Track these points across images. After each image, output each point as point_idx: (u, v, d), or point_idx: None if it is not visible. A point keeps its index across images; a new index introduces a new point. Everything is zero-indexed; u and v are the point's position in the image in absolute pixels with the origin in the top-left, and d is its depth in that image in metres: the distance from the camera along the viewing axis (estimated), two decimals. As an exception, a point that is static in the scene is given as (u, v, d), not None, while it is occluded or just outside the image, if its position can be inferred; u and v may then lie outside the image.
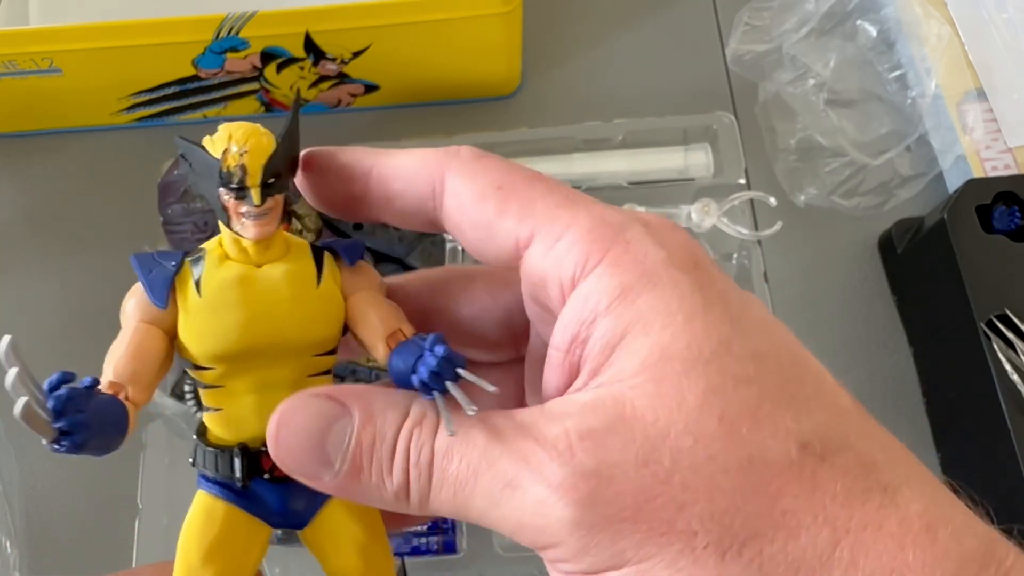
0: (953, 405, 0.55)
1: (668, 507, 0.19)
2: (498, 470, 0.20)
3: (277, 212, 0.23)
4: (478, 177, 0.23)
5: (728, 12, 0.68)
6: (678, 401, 0.19)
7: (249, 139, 0.23)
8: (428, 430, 0.21)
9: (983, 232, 0.52)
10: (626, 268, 0.20)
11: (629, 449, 0.19)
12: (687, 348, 0.20)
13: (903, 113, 0.63)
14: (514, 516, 0.20)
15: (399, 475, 0.21)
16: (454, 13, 0.59)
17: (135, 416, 0.23)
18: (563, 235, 0.21)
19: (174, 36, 0.59)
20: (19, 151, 0.67)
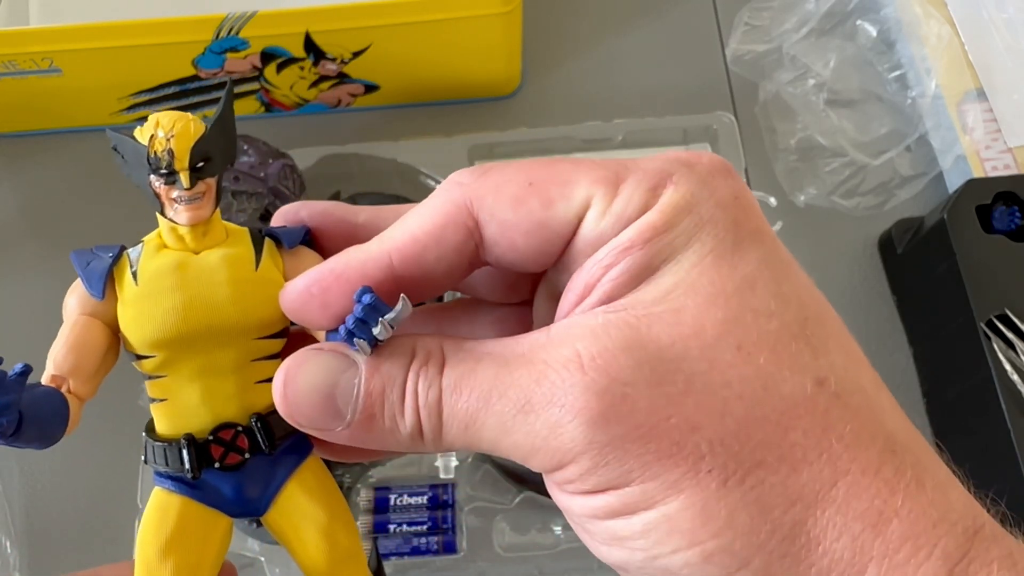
0: (953, 405, 0.55)
1: (679, 427, 0.19)
2: (509, 397, 0.20)
3: (210, 196, 0.23)
4: (503, 189, 0.22)
5: (728, 12, 0.68)
6: (695, 329, 0.19)
7: (176, 124, 0.23)
8: (435, 368, 0.21)
9: (983, 232, 0.52)
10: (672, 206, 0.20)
11: (643, 368, 0.19)
12: (711, 283, 0.20)
13: (903, 113, 0.63)
14: (527, 441, 0.20)
15: (411, 416, 0.21)
16: (454, 13, 0.59)
17: (79, 408, 0.23)
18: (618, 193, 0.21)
19: (174, 36, 0.59)
20: (19, 151, 0.67)
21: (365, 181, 0.61)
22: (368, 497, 0.52)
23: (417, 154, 0.60)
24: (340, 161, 0.60)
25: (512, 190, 0.21)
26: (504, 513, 0.53)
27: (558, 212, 0.21)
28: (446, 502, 0.52)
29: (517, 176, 0.22)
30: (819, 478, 0.19)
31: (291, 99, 0.66)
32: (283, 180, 0.54)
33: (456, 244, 0.22)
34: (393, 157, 0.60)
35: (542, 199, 0.21)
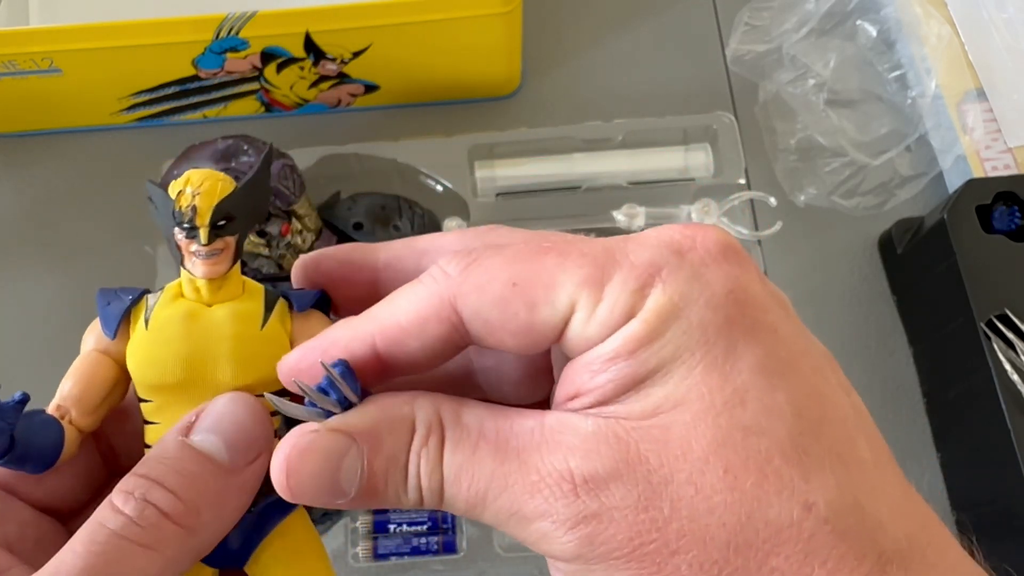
0: (953, 405, 0.55)
1: (661, 552, 0.19)
2: (504, 502, 0.21)
3: (228, 253, 0.24)
4: (486, 288, 0.21)
5: (728, 12, 0.68)
6: (684, 450, 0.20)
7: (204, 182, 0.24)
8: (435, 452, 0.21)
9: (983, 232, 0.52)
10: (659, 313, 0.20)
11: (631, 494, 0.20)
12: (700, 398, 0.20)
13: (903, 113, 0.63)
14: (520, 536, 0.21)
15: (414, 494, 0.22)
16: (454, 13, 0.59)
17: (77, 438, 0.24)
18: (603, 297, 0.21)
19: (174, 36, 0.59)
20: (19, 151, 0.67)
21: (365, 181, 0.61)
22: (368, 497, 0.52)
23: (417, 154, 0.60)
24: (340, 161, 0.60)
25: (496, 290, 0.21)
26: (504, 513, 0.53)
27: (543, 316, 0.21)
28: (446, 502, 0.52)
29: (501, 275, 0.21)
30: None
31: (291, 99, 0.66)
32: (283, 180, 0.54)
33: (439, 335, 0.22)
34: (393, 157, 0.60)
35: (526, 302, 0.21)
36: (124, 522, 0.21)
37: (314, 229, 0.57)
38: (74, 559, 0.21)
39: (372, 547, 0.52)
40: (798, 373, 0.21)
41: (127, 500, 0.21)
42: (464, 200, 0.59)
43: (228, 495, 0.23)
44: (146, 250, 0.60)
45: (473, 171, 0.60)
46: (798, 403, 0.20)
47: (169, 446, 0.23)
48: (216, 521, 0.23)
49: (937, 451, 0.56)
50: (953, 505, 0.55)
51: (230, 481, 0.23)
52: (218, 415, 0.23)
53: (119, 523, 0.21)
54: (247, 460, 0.23)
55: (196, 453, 0.22)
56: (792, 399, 0.20)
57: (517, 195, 0.60)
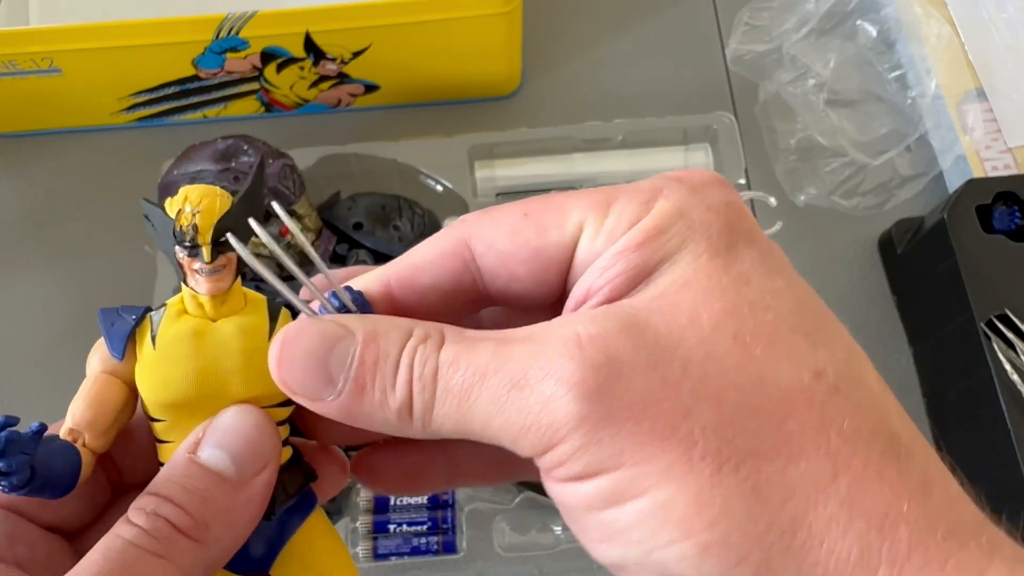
0: (953, 405, 0.55)
1: (674, 411, 0.19)
2: (506, 372, 0.20)
3: (230, 268, 0.24)
4: (500, 221, 0.23)
5: (728, 12, 0.68)
6: (692, 319, 0.20)
7: (203, 200, 0.24)
8: (433, 345, 0.21)
9: (983, 232, 0.52)
10: (667, 214, 0.21)
11: (640, 351, 0.19)
12: (708, 278, 0.20)
13: (903, 113, 0.63)
14: (519, 418, 0.20)
15: (402, 389, 0.21)
16: (454, 13, 0.59)
17: (91, 460, 0.24)
18: (608, 213, 0.21)
19: (174, 36, 0.59)
20: (19, 151, 0.67)
21: (365, 181, 0.61)
22: (368, 497, 0.52)
23: (417, 154, 0.60)
24: (340, 161, 0.60)
25: (509, 221, 0.22)
26: (504, 513, 0.53)
27: (552, 238, 0.22)
28: (446, 502, 0.52)
29: (513, 209, 0.22)
30: (818, 471, 0.19)
31: (291, 99, 0.66)
32: (283, 180, 0.54)
33: (452, 271, 0.23)
34: (393, 157, 0.60)
35: (537, 227, 0.22)
36: (137, 533, 0.21)
37: (314, 229, 0.57)
38: (91, 566, 0.21)
39: (372, 547, 0.52)
40: (792, 272, 0.22)
41: (139, 514, 0.22)
42: (464, 200, 0.59)
43: (237, 507, 0.23)
44: (146, 250, 0.60)
45: (473, 171, 0.60)
46: (797, 293, 0.21)
47: (179, 464, 0.23)
48: (227, 533, 0.23)
49: (937, 451, 0.56)
50: (953, 505, 0.55)
51: (239, 494, 0.23)
52: (224, 430, 0.23)
53: (133, 534, 0.21)
54: (254, 472, 0.23)
55: (204, 470, 0.23)
56: (791, 289, 0.21)
57: (517, 195, 0.60)
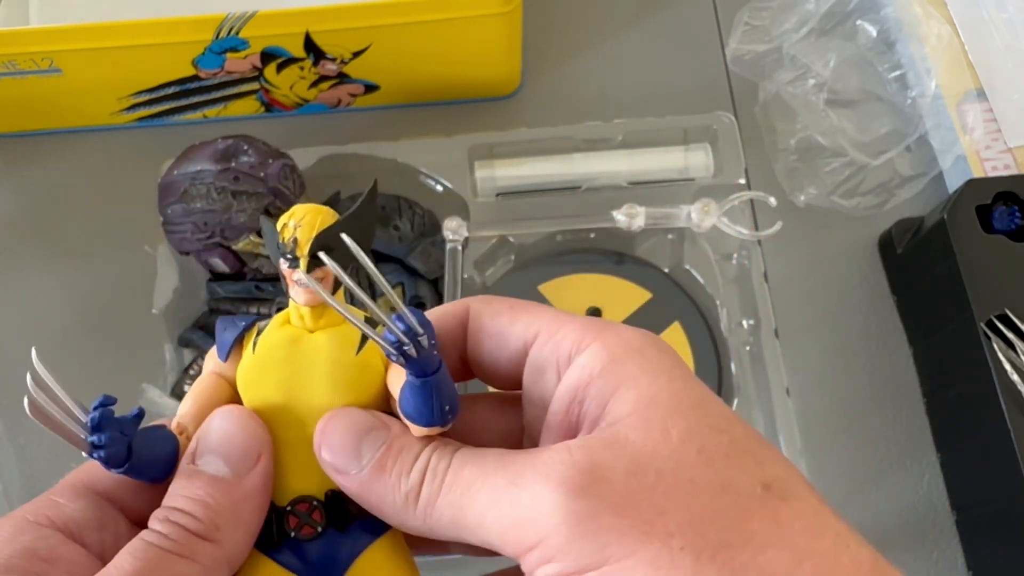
0: (953, 405, 0.55)
1: (651, 510, 0.21)
2: (506, 472, 0.23)
3: (328, 282, 0.26)
4: (494, 302, 0.27)
5: (728, 12, 0.68)
6: (663, 434, 0.23)
7: (306, 215, 0.26)
8: (450, 448, 0.24)
9: (983, 232, 0.52)
10: (615, 345, 0.24)
11: (621, 459, 0.22)
12: (671, 397, 0.23)
13: (903, 113, 0.63)
14: (510, 512, 0.22)
15: (416, 476, 0.24)
16: (454, 13, 0.59)
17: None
18: (559, 330, 0.25)
19: (174, 36, 0.59)
20: (19, 151, 0.67)
21: (365, 181, 0.60)
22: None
23: (417, 154, 0.60)
24: (340, 161, 0.60)
25: (497, 306, 0.27)
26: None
27: (516, 330, 0.26)
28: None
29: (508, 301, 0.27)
30: (784, 558, 0.21)
31: (291, 99, 0.66)
32: (283, 180, 0.54)
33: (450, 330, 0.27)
34: (393, 157, 0.60)
35: (510, 317, 0.26)
36: (160, 537, 0.23)
37: (314, 229, 0.56)
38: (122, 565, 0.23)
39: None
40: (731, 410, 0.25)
41: (157, 522, 0.24)
42: (464, 200, 0.59)
43: (241, 503, 0.25)
44: (146, 250, 0.60)
45: (473, 171, 0.60)
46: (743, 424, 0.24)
47: (182, 474, 0.25)
48: (238, 528, 0.25)
49: (937, 451, 0.56)
50: (953, 505, 0.55)
51: (239, 490, 0.25)
52: (211, 435, 0.25)
53: (156, 538, 0.23)
54: (248, 467, 0.25)
55: (202, 476, 0.25)
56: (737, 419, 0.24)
57: (517, 195, 0.60)
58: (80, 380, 0.40)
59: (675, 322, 0.57)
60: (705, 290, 0.57)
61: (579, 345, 0.25)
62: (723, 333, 0.56)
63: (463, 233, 0.56)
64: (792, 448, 0.51)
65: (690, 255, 0.59)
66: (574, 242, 0.59)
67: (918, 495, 0.56)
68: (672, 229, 0.58)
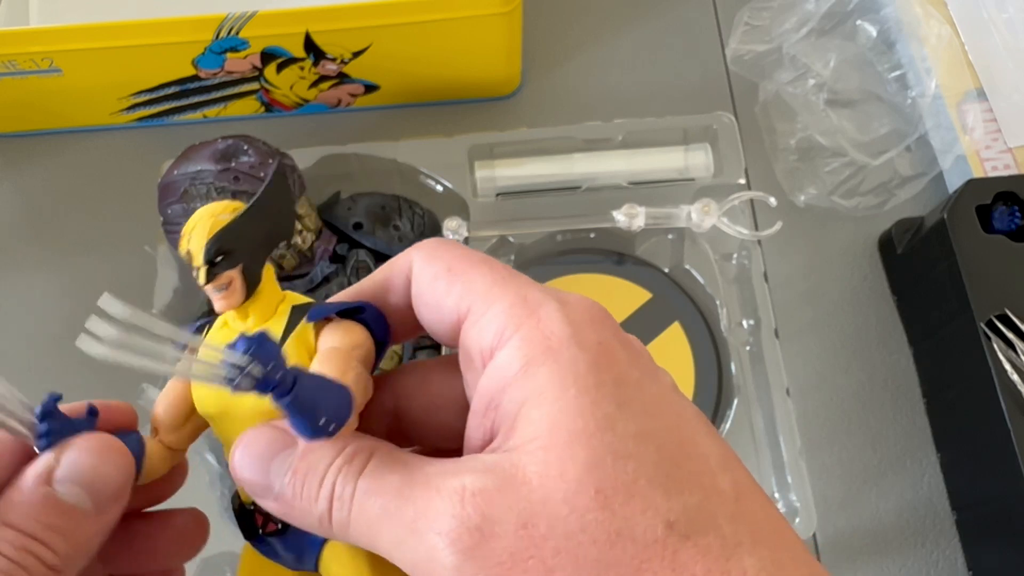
0: (953, 405, 0.55)
1: (537, 569, 0.21)
2: (403, 515, 0.22)
3: (236, 285, 0.24)
4: (434, 261, 0.25)
5: (728, 12, 0.68)
6: (560, 471, 0.21)
7: (197, 224, 0.24)
8: (356, 468, 0.23)
9: (983, 232, 0.52)
10: (533, 343, 0.23)
11: (512, 510, 0.21)
12: (573, 421, 0.22)
13: (903, 113, 0.63)
14: (411, 558, 0.22)
15: (323, 504, 0.23)
16: (454, 13, 0.59)
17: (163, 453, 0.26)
18: (487, 311, 0.24)
19: (174, 36, 0.59)
20: (19, 151, 0.67)
21: (365, 181, 0.61)
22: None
23: (417, 154, 0.60)
24: (340, 161, 0.60)
25: (436, 267, 0.25)
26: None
27: (450, 302, 0.25)
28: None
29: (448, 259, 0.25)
30: None
31: (291, 99, 0.66)
32: (283, 180, 0.54)
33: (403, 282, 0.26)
34: (393, 157, 0.60)
35: (447, 284, 0.25)
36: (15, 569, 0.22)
37: (314, 229, 0.57)
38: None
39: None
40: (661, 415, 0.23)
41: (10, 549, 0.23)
42: (464, 200, 0.59)
43: (97, 537, 0.24)
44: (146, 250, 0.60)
45: (473, 171, 0.60)
46: (660, 437, 0.22)
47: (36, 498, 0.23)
48: (85, 558, 0.24)
49: (937, 451, 0.56)
50: (953, 505, 0.55)
51: (97, 524, 0.24)
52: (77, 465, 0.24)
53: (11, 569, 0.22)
54: (111, 501, 0.24)
55: (63, 507, 0.23)
56: (654, 432, 0.22)
57: (517, 195, 0.60)
58: (80, 380, 0.40)
59: (675, 322, 0.57)
60: (705, 290, 0.57)
61: (500, 337, 0.23)
62: (723, 333, 0.56)
63: (463, 233, 0.56)
64: (792, 448, 0.51)
65: (690, 255, 0.59)
66: (574, 242, 0.59)
67: (918, 495, 0.56)
68: (672, 229, 0.58)
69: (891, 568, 0.55)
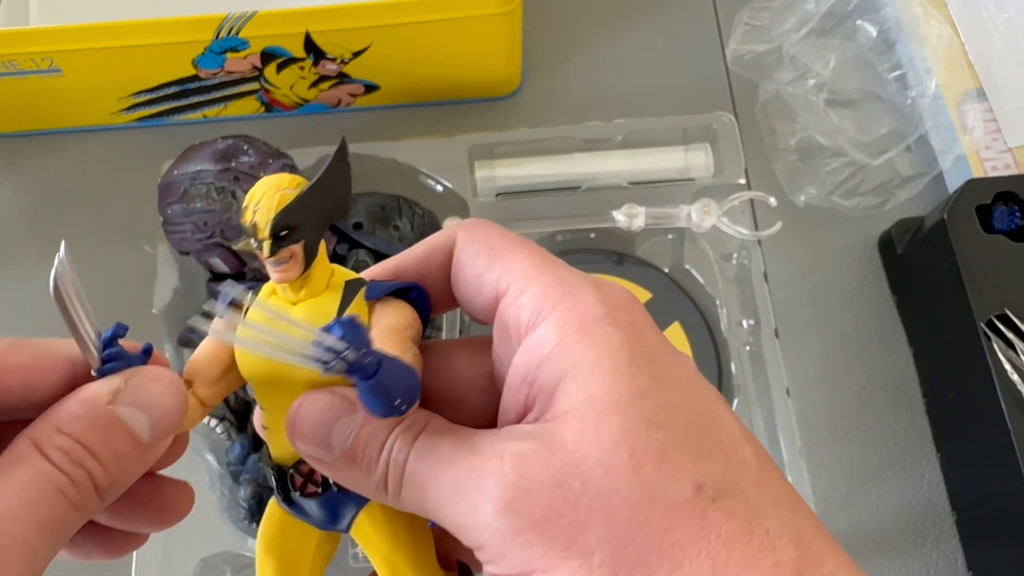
0: (953, 405, 0.55)
1: (572, 525, 0.22)
2: (451, 475, 0.23)
3: (296, 260, 0.25)
4: (476, 239, 0.27)
5: (728, 12, 0.68)
6: (595, 436, 0.22)
7: (264, 195, 0.25)
8: (411, 435, 0.24)
9: (983, 232, 0.52)
10: (568, 322, 0.24)
11: (548, 471, 0.22)
12: (608, 393, 0.23)
13: (903, 113, 0.63)
14: (456, 517, 0.23)
15: (381, 469, 0.24)
16: (454, 13, 0.59)
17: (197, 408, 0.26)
18: (526, 290, 0.25)
19: (174, 36, 0.59)
20: (19, 151, 0.67)
21: (365, 181, 0.61)
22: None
23: (417, 154, 0.60)
24: (340, 161, 0.60)
25: (478, 244, 0.26)
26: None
27: (490, 278, 0.26)
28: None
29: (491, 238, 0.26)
30: (699, 573, 0.21)
31: (291, 99, 0.66)
32: (283, 180, 0.54)
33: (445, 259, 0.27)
34: (393, 157, 0.60)
35: (487, 261, 0.26)
36: (67, 483, 0.22)
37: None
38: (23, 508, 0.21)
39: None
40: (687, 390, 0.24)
41: (64, 460, 0.22)
42: (464, 200, 0.59)
43: (139, 469, 0.24)
44: (146, 250, 0.60)
45: (473, 171, 0.60)
46: (688, 408, 0.23)
47: (100, 414, 0.23)
48: (121, 491, 0.24)
49: (937, 451, 0.56)
50: (953, 505, 0.55)
51: (144, 458, 0.24)
52: (148, 395, 0.24)
53: (63, 483, 0.22)
54: (164, 439, 0.25)
55: (125, 431, 0.23)
56: (682, 405, 0.23)
57: (517, 195, 0.60)
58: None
59: (675, 322, 0.57)
60: (705, 290, 0.57)
61: (538, 315, 0.24)
62: (723, 333, 0.56)
63: (463, 233, 0.56)
64: (792, 448, 0.51)
65: (690, 255, 0.59)
66: (574, 242, 0.59)
67: (918, 495, 0.56)
68: (672, 229, 0.58)
69: (891, 568, 0.55)
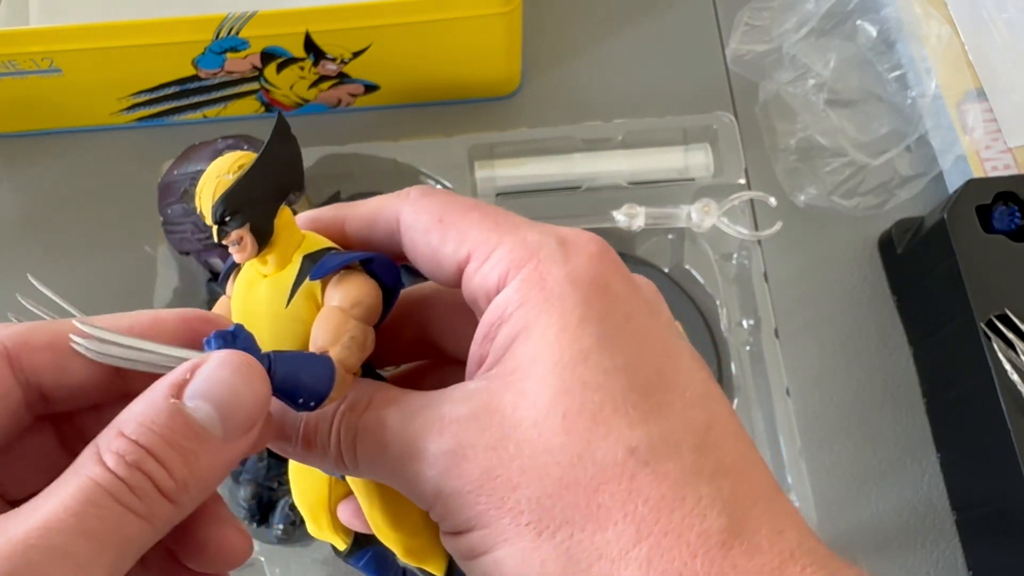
0: (953, 405, 0.55)
1: (505, 485, 0.22)
2: (396, 447, 0.24)
3: (247, 240, 0.25)
4: (422, 213, 0.26)
5: (728, 12, 0.68)
6: (533, 399, 0.23)
7: (206, 183, 0.25)
8: (356, 415, 0.25)
9: (983, 232, 0.52)
10: (530, 283, 0.24)
11: (484, 435, 0.23)
12: (551, 354, 0.23)
13: (903, 113, 0.63)
14: (404, 484, 0.24)
15: (334, 448, 0.25)
16: (454, 13, 0.59)
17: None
18: (490, 255, 0.25)
19: (174, 36, 0.59)
20: (19, 151, 0.67)
21: (365, 181, 0.61)
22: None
23: (417, 154, 0.60)
24: (340, 161, 0.60)
25: (425, 219, 0.26)
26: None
27: (447, 251, 0.25)
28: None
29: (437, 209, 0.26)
30: (623, 537, 0.21)
31: (291, 99, 0.66)
32: (283, 180, 0.54)
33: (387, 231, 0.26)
34: (393, 157, 0.60)
35: (440, 237, 0.25)
36: (121, 488, 0.20)
37: (314, 229, 0.56)
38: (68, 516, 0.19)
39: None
40: (642, 348, 0.24)
41: (117, 460, 0.20)
42: (464, 200, 0.59)
43: (218, 469, 0.22)
44: (146, 250, 0.60)
45: (473, 171, 0.60)
46: (635, 369, 0.23)
47: (160, 408, 0.21)
48: (203, 494, 0.22)
49: (937, 451, 0.56)
50: (953, 505, 0.55)
51: (221, 455, 0.22)
52: (212, 380, 0.21)
53: (117, 488, 0.20)
54: (243, 432, 0.22)
55: (190, 425, 0.21)
56: (628, 366, 0.23)
57: (517, 195, 0.60)
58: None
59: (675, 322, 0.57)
60: (705, 290, 0.57)
61: (504, 279, 0.24)
62: (723, 333, 0.56)
63: (463, 233, 0.56)
64: (792, 448, 0.51)
65: (690, 255, 0.59)
66: (574, 242, 0.59)
67: (918, 495, 0.56)
68: (672, 229, 0.58)
69: (891, 568, 0.55)
